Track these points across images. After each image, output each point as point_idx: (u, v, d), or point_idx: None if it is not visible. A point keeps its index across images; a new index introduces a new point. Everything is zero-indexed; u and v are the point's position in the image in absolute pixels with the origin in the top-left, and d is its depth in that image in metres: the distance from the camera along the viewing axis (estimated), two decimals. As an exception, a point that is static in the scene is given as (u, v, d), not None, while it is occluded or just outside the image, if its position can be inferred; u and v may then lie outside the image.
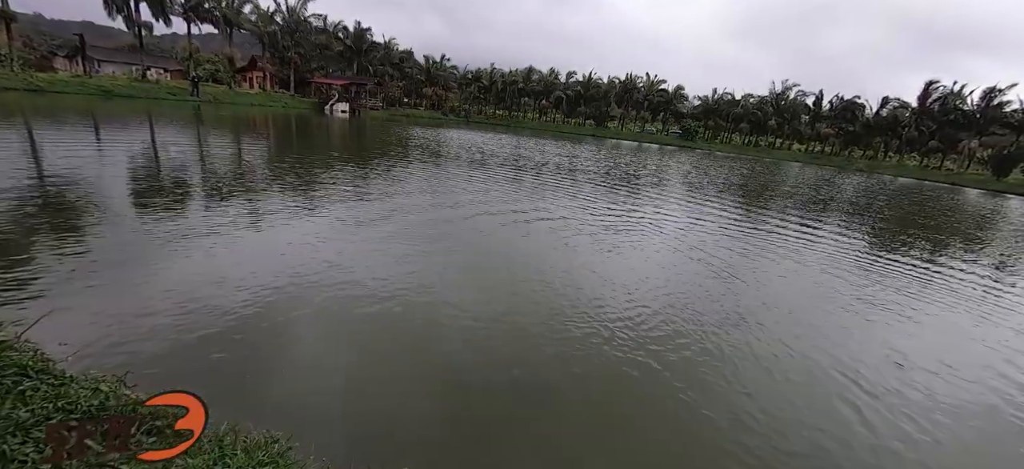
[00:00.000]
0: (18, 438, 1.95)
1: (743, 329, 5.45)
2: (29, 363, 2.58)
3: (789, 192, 21.84)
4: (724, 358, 4.71)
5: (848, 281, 8.04)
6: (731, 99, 73.23)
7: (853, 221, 15.11)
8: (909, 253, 11.01)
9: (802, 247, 10.34)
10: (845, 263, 9.33)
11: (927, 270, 9.52)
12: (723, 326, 5.46)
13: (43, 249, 5.46)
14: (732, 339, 5.15)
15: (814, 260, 9.29)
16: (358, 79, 55.50)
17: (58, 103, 24.51)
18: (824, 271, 8.56)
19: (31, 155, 11.01)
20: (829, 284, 7.80)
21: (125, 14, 37.39)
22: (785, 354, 4.99)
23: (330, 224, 7.90)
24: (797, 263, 8.93)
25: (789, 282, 7.72)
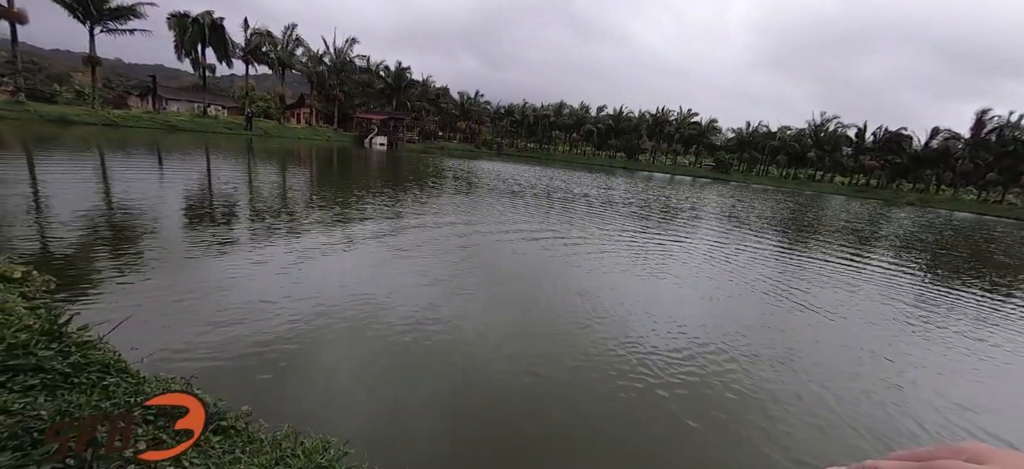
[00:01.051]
0: (104, 427, 2.10)
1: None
2: (111, 361, 2.79)
3: (847, 226, 20.88)
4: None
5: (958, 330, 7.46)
6: (767, 131, 71.72)
7: (933, 258, 14.22)
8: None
9: (875, 279, 9.77)
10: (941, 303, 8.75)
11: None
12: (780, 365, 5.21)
13: (116, 266, 5.91)
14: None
15: (895, 293, 8.76)
16: (396, 114, 58.10)
17: (128, 136, 26.86)
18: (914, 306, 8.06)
19: (103, 182, 12.05)
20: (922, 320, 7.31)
21: (192, 57, 41.10)
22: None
23: (369, 250, 8.17)
24: (873, 299, 8.45)
25: (870, 316, 7.30)
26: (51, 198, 9.46)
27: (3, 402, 2.16)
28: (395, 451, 3.08)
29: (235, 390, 3.32)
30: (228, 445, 2.30)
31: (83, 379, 2.55)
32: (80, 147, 19.41)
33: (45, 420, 2.02)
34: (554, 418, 3.75)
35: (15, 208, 8.18)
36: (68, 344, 2.78)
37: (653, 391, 4.26)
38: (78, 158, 16.31)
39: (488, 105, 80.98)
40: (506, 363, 4.52)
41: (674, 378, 4.52)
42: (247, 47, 44.73)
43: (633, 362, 4.75)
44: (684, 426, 3.83)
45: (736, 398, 4.32)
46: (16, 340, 2.59)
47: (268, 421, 2.77)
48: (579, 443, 3.49)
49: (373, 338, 4.71)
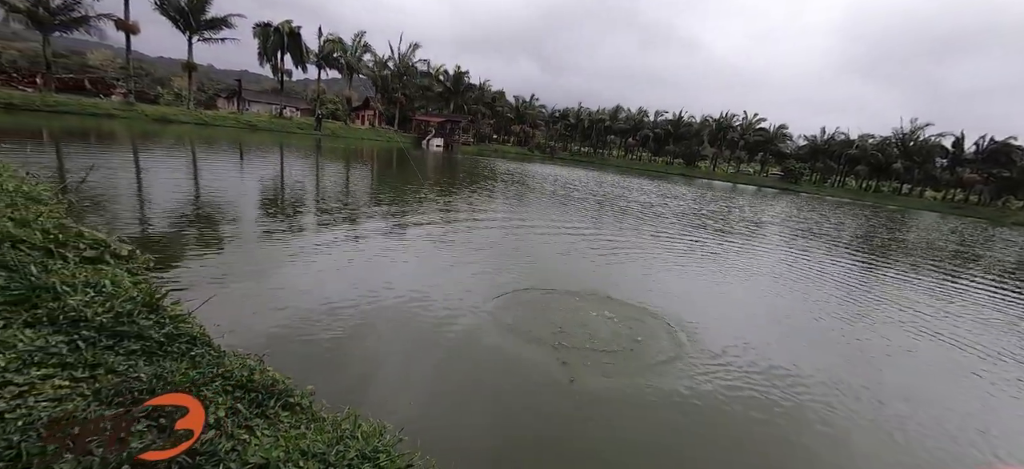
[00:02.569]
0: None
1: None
2: (198, 334, 3.07)
3: (968, 252, 18.74)
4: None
5: None
6: (845, 139, 65.86)
7: None
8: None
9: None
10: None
11: None
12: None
13: (202, 248, 6.53)
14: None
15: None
16: (453, 117, 59.70)
17: (216, 134, 29.70)
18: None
19: (194, 175, 13.39)
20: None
21: (272, 63, 44.75)
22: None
23: (425, 246, 8.44)
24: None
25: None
26: (151, 187, 10.65)
27: (111, 363, 2.43)
28: (444, 441, 3.14)
29: (300, 370, 3.53)
30: (294, 420, 2.44)
31: (175, 348, 2.82)
32: (176, 143, 21.72)
33: (144, 382, 2.25)
34: (596, 433, 3.65)
35: (123, 194, 9.29)
36: (163, 316, 3.09)
37: (701, 412, 4.03)
38: (174, 153, 18.28)
39: (543, 109, 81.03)
40: (558, 368, 4.46)
41: (725, 400, 4.25)
42: (320, 53, 47.96)
43: (685, 379, 4.52)
44: (738, 450, 3.58)
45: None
46: (122, 310, 2.91)
47: (329, 402, 2.93)
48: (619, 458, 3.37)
49: (427, 331, 4.84)
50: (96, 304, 2.90)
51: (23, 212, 4.26)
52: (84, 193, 8.30)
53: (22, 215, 4.18)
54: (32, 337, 2.41)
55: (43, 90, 30.49)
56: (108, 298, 3.04)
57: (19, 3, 27.43)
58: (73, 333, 2.55)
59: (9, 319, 2.52)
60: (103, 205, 8.17)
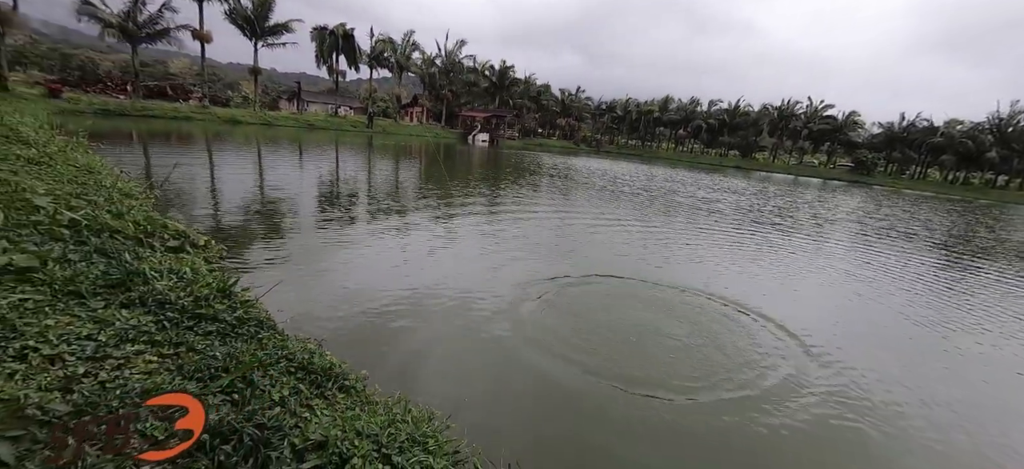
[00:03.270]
0: (260, 372, 2.49)
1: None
2: (264, 319, 3.31)
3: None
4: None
5: None
6: (928, 126, 59.41)
7: None
8: None
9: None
10: None
11: None
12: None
13: (266, 239, 7.02)
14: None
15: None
16: (498, 111, 60.07)
17: (278, 133, 31.75)
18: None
19: (259, 171, 14.39)
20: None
21: (328, 64, 47.13)
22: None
23: (472, 239, 8.58)
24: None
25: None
26: (223, 182, 11.58)
27: (191, 342, 2.68)
28: (487, 428, 3.19)
29: (353, 355, 3.72)
30: (350, 402, 2.58)
31: (245, 331, 3.06)
32: (244, 142, 23.43)
33: (219, 360, 2.45)
34: (646, 438, 3.56)
35: (199, 189, 10.17)
36: (235, 302, 3.35)
37: (762, 432, 3.81)
38: (242, 151, 19.73)
39: (589, 101, 79.61)
40: (608, 377, 4.40)
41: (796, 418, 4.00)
42: (372, 53, 49.89)
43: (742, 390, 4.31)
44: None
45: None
46: (201, 294, 3.19)
47: (380, 386, 3.07)
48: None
49: (473, 323, 4.93)
50: (179, 288, 3.21)
51: (118, 206, 4.77)
52: (167, 188, 9.16)
53: (117, 208, 4.69)
54: (127, 316, 2.70)
55: (133, 97, 33.89)
56: (189, 283, 3.35)
57: (113, 19, 30.59)
58: (160, 314, 2.83)
59: (108, 300, 2.84)
60: (182, 199, 8.99)
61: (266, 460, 1.82)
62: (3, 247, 3.06)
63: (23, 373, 1.99)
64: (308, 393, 2.48)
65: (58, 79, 33.07)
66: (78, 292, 2.80)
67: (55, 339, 2.27)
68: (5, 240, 3.19)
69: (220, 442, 1.82)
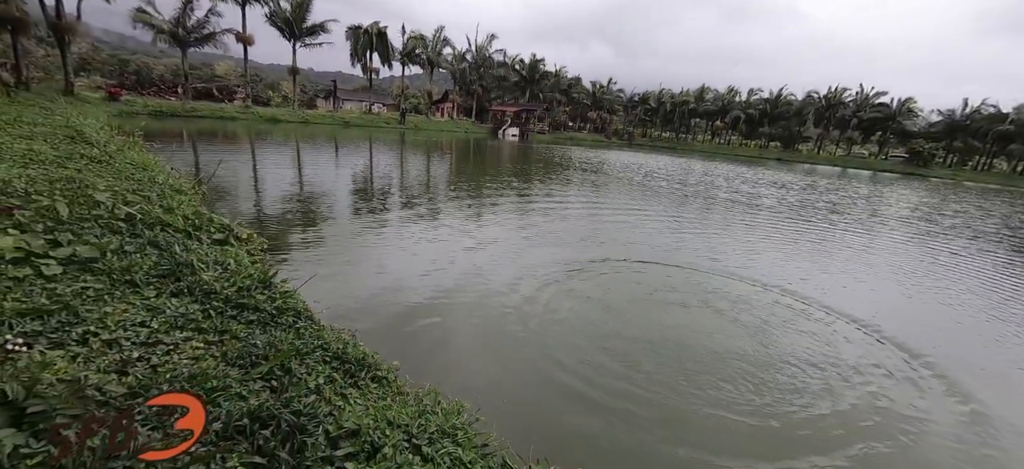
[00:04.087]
0: (297, 361, 2.58)
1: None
2: (301, 309, 3.42)
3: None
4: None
5: None
6: (995, 112, 54.52)
7: None
8: None
9: None
10: None
11: None
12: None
13: (303, 233, 7.28)
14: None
15: None
16: (528, 105, 59.83)
17: (316, 130, 32.87)
18: None
19: (298, 168, 14.94)
20: None
21: (362, 63, 48.30)
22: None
23: (502, 235, 8.60)
24: None
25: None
26: (264, 178, 12.09)
27: (235, 330, 2.80)
28: (514, 422, 3.19)
29: (385, 346, 3.80)
30: (381, 392, 2.63)
31: (283, 320, 3.18)
32: (284, 140, 24.39)
33: (259, 348, 2.56)
34: (678, 433, 3.46)
35: (242, 185, 10.67)
36: (274, 292, 3.49)
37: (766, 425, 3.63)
38: (282, 149, 20.54)
39: (621, 93, 78.00)
40: (633, 372, 4.32)
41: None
42: (404, 51, 50.76)
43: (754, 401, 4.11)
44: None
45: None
46: (243, 285, 3.34)
47: (411, 378, 3.12)
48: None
49: (500, 318, 4.94)
50: (223, 279, 3.36)
51: (169, 201, 5.06)
52: (213, 184, 9.66)
53: (169, 203, 4.97)
54: (177, 305, 2.85)
55: (182, 98, 35.91)
56: (232, 275, 3.51)
57: (164, 26, 32.47)
58: (206, 303, 2.97)
59: (160, 289, 3.01)
60: (227, 194, 9.46)
61: (302, 446, 1.88)
62: (69, 239, 3.30)
63: (84, 356, 2.13)
64: (342, 382, 2.55)
65: (117, 83, 35.46)
66: (133, 281, 2.99)
67: (113, 325, 2.43)
68: (70, 233, 3.43)
69: (259, 427, 1.90)
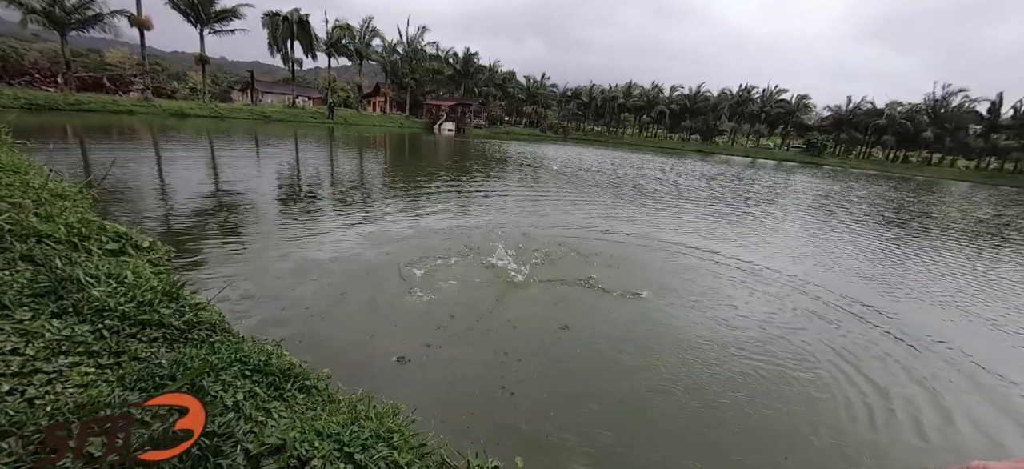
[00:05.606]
0: (211, 378, 2.37)
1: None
2: (217, 322, 3.15)
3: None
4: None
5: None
6: (872, 108, 63.21)
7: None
8: None
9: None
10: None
11: None
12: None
13: (221, 239, 6.67)
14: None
15: None
16: (464, 100, 59.32)
17: (232, 126, 30.14)
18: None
19: (212, 167, 13.65)
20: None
21: (282, 52, 44.96)
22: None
23: (437, 231, 8.48)
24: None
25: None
26: (173, 180, 10.90)
27: (134, 350, 2.52)
28: (455, 421, 3.18)
29: (317, 354, 3.61)
30: (310, 402, 2.50)
31: (195, 335, 2.91)
32: (194, 137, 22.12)
33: (165, 368, 2.32)
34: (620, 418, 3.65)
35: (146, 188, 9.53)
36: (184, 305, 3.17)
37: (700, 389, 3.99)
38: (193, 146, 18.62)
39: (554, 89, 79.79)
40: (567, 350, 4.47)
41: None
42: (329, 40, 47.97)
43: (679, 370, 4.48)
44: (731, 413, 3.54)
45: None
46: (144, 299, 3.00)
47: (344, 384, 2.99)
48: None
49: (439, 317, 4.88)
50: (119, 294, 3.00)
51: (48, 208, 4.40)
52: (108, 188, 8.53)
53: (47, 211, 4.32)
54: (59, 327, 2.50)
55: (64, 89, 31.27)
56: (130, 288, 3.13)
57: (36, 4, 27.96)
58: (98, 322, 2.63)
59: (37, 310, 2.62)
60: (127, 199, 8.40)
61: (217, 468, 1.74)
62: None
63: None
64: (265, 396, 2.39)
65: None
66: (1, 303, 2.57)
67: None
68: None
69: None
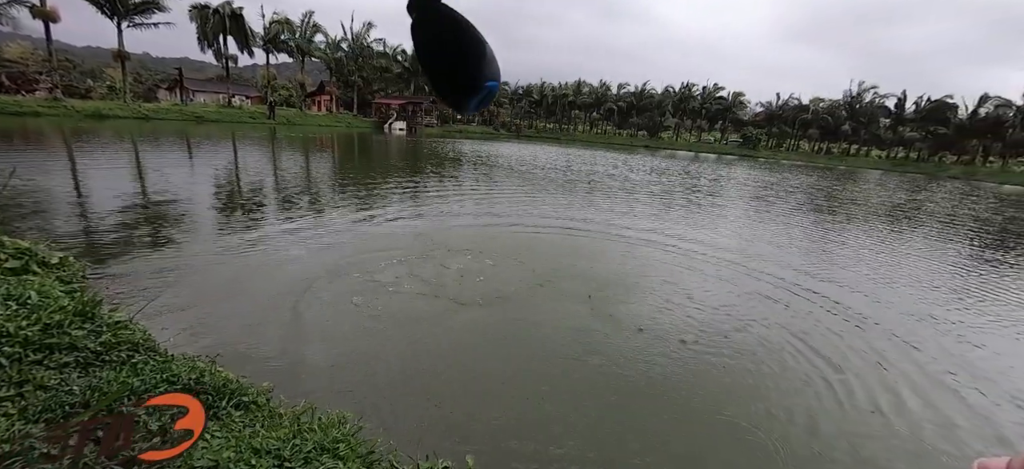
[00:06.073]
0: (132, 401, 2.19)
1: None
2: (140, 341, 2.91)
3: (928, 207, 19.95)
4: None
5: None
6: (798, 104, 68.58)
7: (949, 231, 13.47)
8: None
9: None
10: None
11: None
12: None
13: (149, 252, 6.15)
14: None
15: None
16: (415, 98, 58.08)
17: (159, 127, 27.80)
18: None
19: (138, 174, 12.54)
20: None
21: (215, 48, 41.89)
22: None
23: (385, 234, 8.28)
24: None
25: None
26: (90, 189, 9.90)
27: (40, 378, 2.27)
28: (405, 426, 3.14)
29: (257, 368, 3.43)
30: (248, 419, 2.38)
31: (114, 357, 2.67)
32: (115, 140, 20.20)
33: (76, 395, 2.12)
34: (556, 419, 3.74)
35: (58, 198, 8.60)
36: (100, 325, 2.91)
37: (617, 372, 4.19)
38: (113, 151, 16.98)
39: (506, 86, 79.96)
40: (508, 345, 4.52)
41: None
42: (266, 36, 45.27)
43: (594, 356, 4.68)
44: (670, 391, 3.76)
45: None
46: (51, 321, 2.71)
47: (289, 398, 2.86)
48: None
49: (385, 322, 4.78)
50: (20, 317, 2.70)
51: (-70, 224, 3.87)
52: (9, 200, 7.61)
53: (-71, 227, 3.80)
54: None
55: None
56: (34, 310, 2.83)
57: (-87, -9, 24.38)
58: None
59: (-85, 341, 2.31)
60: (32, 210, 7.53)
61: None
62: None
63: None
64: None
65: None
66: None
67: None
68: None
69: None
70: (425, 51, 0.63)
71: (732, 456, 3.23)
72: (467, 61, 0.63)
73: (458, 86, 0.64)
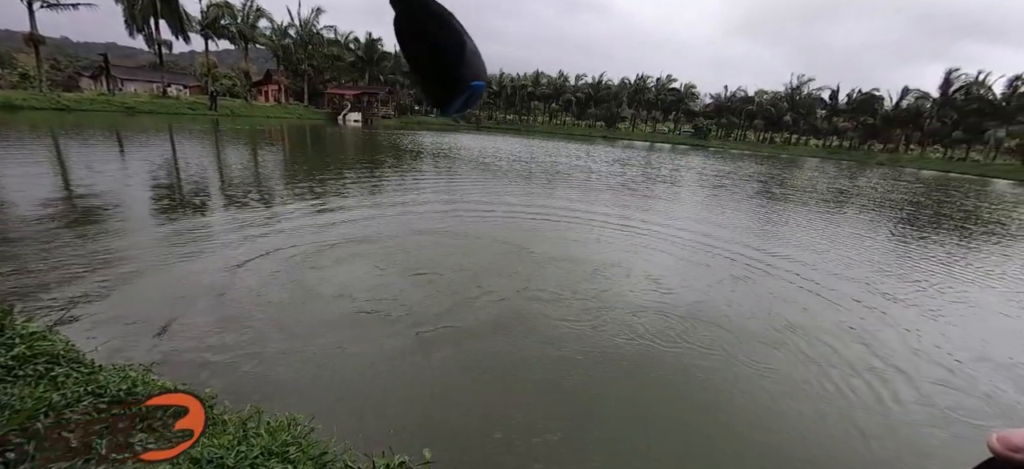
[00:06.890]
0: (50, 418, 2.00)
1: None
2: (61, 352, 2.66)
3: (851, 192, 21.40)
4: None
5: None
6: (744, 96, 72.28)
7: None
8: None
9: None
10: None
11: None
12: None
13: (72, 255, 5.62)
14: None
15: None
16: (370, 89, 56.32)
17: (85, 121, 25.38)
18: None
19: (60, 170, 11.41)
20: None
21: (145, 33, 38.58)
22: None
23: (336, 233, 8.01)
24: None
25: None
26: (1, 186, 8.91)
27: (-64, 399, 2.03)
28: (360, 426, 3.06)
29: (199, 374, 3.23)
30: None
31: (29, 371, 2.43)
32: (30, 134, 18.26)
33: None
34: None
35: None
36: (11, 336, 2.63)
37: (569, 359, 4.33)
38: (28, 146, 15.33)
39: (465, 77, 78.99)
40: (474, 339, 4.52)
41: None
42: (204, 20, 42.26)
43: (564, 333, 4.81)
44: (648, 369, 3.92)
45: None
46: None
47: (234, 404, 2.71)
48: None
49: (340, 321, 4.64)
50: (-91, 333, 2.39)
51: None
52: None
53: None
54: None
55: None
56: (-72, 323, 2.52)
57: None
58: None
59: None
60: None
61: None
62: None
63: None
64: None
65: None
66: None
67: None
68: None
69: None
70: (407, 46, 0.60)
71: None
72: (448, 57, 0.60)
73: (442, 84, 0.62)
